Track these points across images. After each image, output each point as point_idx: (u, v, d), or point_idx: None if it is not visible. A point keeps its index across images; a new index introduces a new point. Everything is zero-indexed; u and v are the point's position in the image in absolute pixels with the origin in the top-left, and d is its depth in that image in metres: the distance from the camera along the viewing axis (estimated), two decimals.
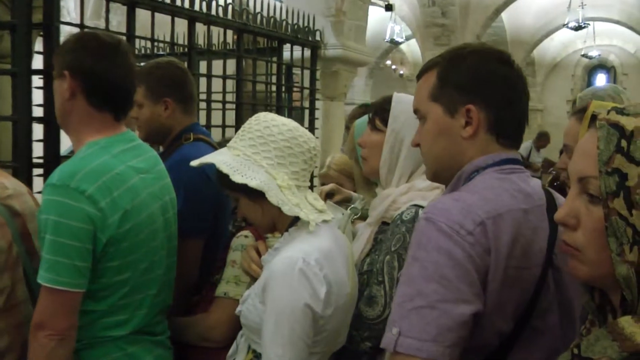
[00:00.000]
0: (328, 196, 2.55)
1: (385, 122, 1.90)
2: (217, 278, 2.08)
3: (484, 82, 1.35)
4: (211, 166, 2.21)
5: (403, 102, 1.87)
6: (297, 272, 1.52)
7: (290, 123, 1.68)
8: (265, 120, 1.66)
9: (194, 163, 1.71)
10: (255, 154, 1.62)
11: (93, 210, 1.65)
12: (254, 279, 1.75)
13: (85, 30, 2.85)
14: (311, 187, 2.89)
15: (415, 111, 1.46)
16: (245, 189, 1.60)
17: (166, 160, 2.35)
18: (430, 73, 1.42)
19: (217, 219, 2.39)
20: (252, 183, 1.57)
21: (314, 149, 1.69)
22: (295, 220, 1.66)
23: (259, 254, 1.80)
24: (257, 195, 1.61)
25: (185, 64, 4.18)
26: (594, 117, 0.95)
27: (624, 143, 0.87)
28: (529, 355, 1.28)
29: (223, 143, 2.55)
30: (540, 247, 1.29)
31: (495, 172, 1.33)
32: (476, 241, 1.18)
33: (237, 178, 1.58)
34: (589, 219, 0.92)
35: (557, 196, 1.42)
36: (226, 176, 1.60)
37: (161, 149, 2.59)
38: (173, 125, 2.47)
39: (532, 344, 1.28)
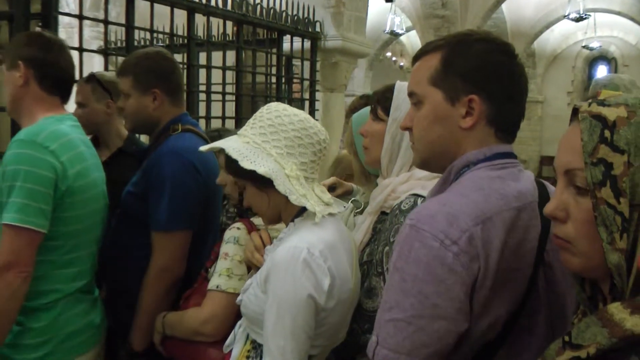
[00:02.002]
0: (329, 189, 2.54)
1: (387, 111, 1.87)
2: (210, 271, 2.06)
3: (489, 74, 1.30)
4: (199, 158, 2.20)
5: (405, 91, 1.85)
6: (301, 262, 1.50)
7: (302, 114, 1.66)
8: (276, 110, 1.65)
9: (203, 148, 1.71)
10: (265, 142, 1.61)
11: (56, 162, 1.92)
12: (256, 267, 1.74)
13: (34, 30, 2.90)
14: None
15: (411, 94, 1.40)
16: (253, 176, 1.59)
17: (154, 151, 2.36)
18: (431, 56, 1.35)
19: (205, 212, 2.37)
20: (261, 170, 1.55)
21: (324, 141, 1.67)
22: (301, 211, 1.64)
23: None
24: (264, 184, 1.60)
25: (185, 55, 4.20)
26: (575, 111, 0.96)
27: (607, 133, 0.89)
28: (516, 354, 1.26)
29: (212, 133, 2.55)
30: (532, 246, 1.26)
31: (486, 170, 1.29)
32: (461, 250, 1.14)
33: (245, 164, 1.57)
34: (578, 211, 0.93)
35: (552, 189, 1.38)
36: (235, 162, 1.59)
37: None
38: (160, 116, 2.44)
39: (520, 343, 1.27)
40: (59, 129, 2.01)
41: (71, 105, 3.12)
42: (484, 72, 1.30)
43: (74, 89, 2.33)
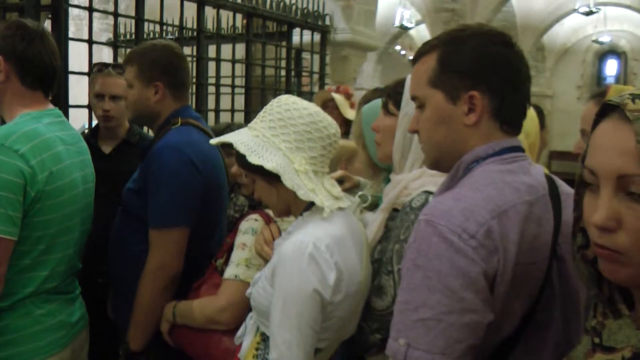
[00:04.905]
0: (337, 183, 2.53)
1: (398, 105, 1.85)
2: (221, 262, 2.07)
3: (487, 67, 1.29)
4: (197, 152, 2.18)
5: None
6: (307, 256, 1.51)
7: (312, 107, 1.66)
8: (286, 103, 1.64)
9: (213, 142, 1.71)
10: (275, 136, 1.61)
11: (25, 167, 1.81)
12: (265, 260, 1.74)
13: (14, 19, 2.76)
14: None
15: (413, 98, 1.39)
16: (261, 171, 1.59)
17: (154, 145, 2.32)
18: (428, 57, 1.35)
19: (207, 207, 2.30)
20: (268, 165, 1.56)
21: (334, 135, 1.66)
22: (311, 205, 1.64)
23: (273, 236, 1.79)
24: (272, 178, 1.60)
25: (194, 48, 4.20)
26: (611, 107, 0.88)
27: None
28: (532, 350, 1.26)
29: (226, 129, 2.53)
30: (546, 240, 1.25)
31: (497, 164, 1.28)
32: (479, 244, 1.13)
33: (253, 159, 1.57)
34: (635, 219, 0.84)
35: (560, 183, 1.38)
36: (243, 156, 1.59)
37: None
38: (161, 110, 2.37)
39: (535, 338, 1.26)
40: (33, 129, 1.89)
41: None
42: (481, 66, 1.29)
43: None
